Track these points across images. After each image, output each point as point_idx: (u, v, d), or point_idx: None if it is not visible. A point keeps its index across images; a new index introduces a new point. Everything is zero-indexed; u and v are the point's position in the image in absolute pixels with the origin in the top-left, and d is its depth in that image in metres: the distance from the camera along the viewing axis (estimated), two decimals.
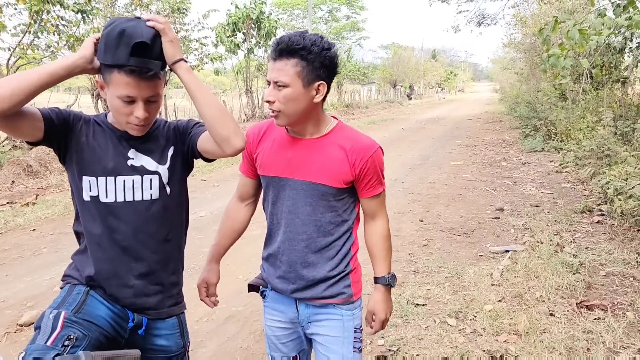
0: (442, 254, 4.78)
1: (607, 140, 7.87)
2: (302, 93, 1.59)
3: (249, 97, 18.61)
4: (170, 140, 1.71)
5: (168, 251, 1.72)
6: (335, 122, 1.74)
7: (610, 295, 3.76)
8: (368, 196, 1.74)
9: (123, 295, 1.64)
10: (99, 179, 1.59)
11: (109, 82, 1.51)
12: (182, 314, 1.80)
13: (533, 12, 20.07)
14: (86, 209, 1.62)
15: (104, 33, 1.49)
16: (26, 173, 8.42)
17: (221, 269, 4.71)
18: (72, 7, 9.28)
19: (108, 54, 1.47)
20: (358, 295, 1.81)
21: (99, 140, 1.62)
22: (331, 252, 1.74)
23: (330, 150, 1.67)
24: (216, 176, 8.64)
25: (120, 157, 1.62)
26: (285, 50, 1.56)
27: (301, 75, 1.57)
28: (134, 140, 1.64)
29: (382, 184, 1.75)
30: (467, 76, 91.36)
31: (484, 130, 16.92)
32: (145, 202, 1.64)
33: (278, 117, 1.64)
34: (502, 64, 37.30)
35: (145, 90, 1.52)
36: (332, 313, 1.77)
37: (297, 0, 34.30)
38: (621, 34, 10.55)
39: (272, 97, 1.60)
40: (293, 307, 1.81)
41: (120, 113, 1.54)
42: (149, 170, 1.65)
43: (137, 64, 1.47)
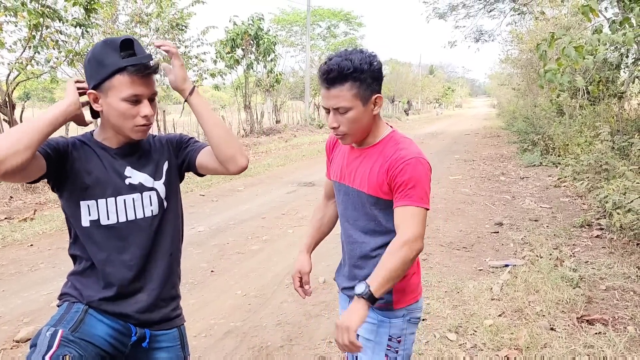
0: (442, 269, 4.76)
1: (604, 155, 7.89)
2: (363, 111, 1.65)
3: (248, 112, 18.69)
4: (164, 154, 1.72)
5: (171, 265, 1.73)
6: (389, 130, 1.77)
7: (611, 309, 3.74)
8: (395, 206, 1.64)
9: (129, 312, 1.63)
10: (99, 201, 1.58)
11: (108, 90, 1.51)
12: (182, 326, 1.80)
13: (529, 29, 20.30)
14: (86, 235, 1.60)
15: (88, 57, 1.53)
16: (24, 189, 8.40)
17: (220, 284, 4.70)
18: (71, 21, 9.34)
19: (101, 67, 1.49)
20: (400, 305, 1.76)
21: (93, 163, 1.59)
22: (375, 259, 1.72)
23: (375, 160, 1.71)
24: (215, 191, 8.64)
25: (117, 177, 1.61)
26: (338, 78, 1.59)
27: (359, 95, 1.61)
28: (129, 157, 1.64)
29: (409, 198, 1.60)
30: (464, 92, 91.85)
31: (482, 145, 16.97)
32: (147, 219, 1.65)
33: (344, 139, 1.71)
34: (499, 80, 37.55)
35: (148, 87, 1.55)
36: (370, 316, 1.74)
37: (296, 17, 34.60)
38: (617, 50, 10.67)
39: (336, 123, 1.66)
40: (347, 304, 1.85)
41: (127, 116, 1.54)
42: (147, 187, 1.66)
43: (136, 62, 1.49)
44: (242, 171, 1.67)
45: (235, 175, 11.10)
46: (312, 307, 3.98)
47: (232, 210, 7.31)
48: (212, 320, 3.76)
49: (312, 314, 3.86)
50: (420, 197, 1.61)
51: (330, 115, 1.66)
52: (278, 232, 6.17)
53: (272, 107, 21.52)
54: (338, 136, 1.71)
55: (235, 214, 7.12)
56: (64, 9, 9.42)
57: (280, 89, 21.60)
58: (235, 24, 17.80)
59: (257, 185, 9.44)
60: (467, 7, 17.94)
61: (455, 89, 78.28)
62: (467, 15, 18.08)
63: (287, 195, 8.43)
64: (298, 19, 34.01)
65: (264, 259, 5.15)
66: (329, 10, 36.27)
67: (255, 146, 15.87)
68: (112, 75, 1.49)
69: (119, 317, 1.62)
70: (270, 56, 18.88)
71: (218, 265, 4.98)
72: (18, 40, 9.24)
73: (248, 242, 5.75)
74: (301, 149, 15.62)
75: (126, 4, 12.11)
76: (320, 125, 23.01)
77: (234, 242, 5.76)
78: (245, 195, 8.48)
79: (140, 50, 1.52)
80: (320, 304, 4.01)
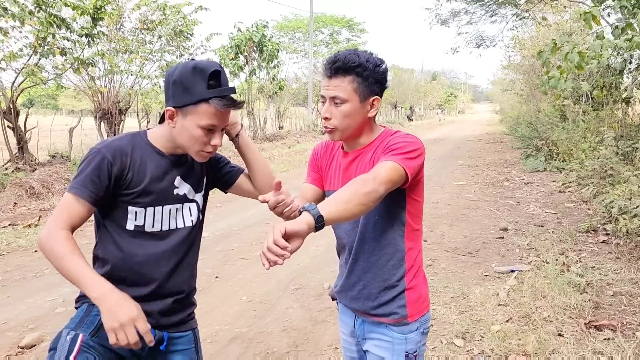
0: (447, 274, 4.74)
1: (609, 160, 7.87)
2: (359, 108, 1.63)
3: (251, 118, 18.73)
4: (204, 168, 1.80)
5: (195, 272, 1.80)
6: (382, 129, 1.75)
7: (619, 315, 3.71)
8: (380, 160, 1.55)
9: (152, 310, 1.63)
10: (147, 209, 1.61)
11: (188, 114, 1.54)
12: (196, 329, 1.83)
13: (532, 35, 20.33)
14: (126, 236, 1.61)
15: (174, 78, 1.54)
16: (28, 195, 8.41)
17: (225, 290, 4.68)
18: (78, 31, 9.40)
19: (188, 93, 1.52)
20: (415, 317, 1.69)
21: (148, 168, 1.61)
22: (380, 262, 1.68)
23: (373, 153, 1.67)
24: (219, 197, 8.62)
25: (168, 186, 1.65)
26: (341, 68, 1.59)
27: (358, 91, 1.61)
28: (180, 167, 1.69)
29: (393, 157, 1.52)
30: (467, 97, 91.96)
31: (486, 150, 16.95)
32: (187, 228, 1.70)
33: (333, 133, 1.67)
34: (502, 86, 37.57)
35: (226, 120, 1.60)
36: (383, 334, 1.70)
37: (299, 23, 34.77)
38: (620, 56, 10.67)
39: (329, 114, 1.64)
40: (353, 320, 1.82)
41: (198, 142, 1.57)
42: (189, 199, 1.72)
43: (222, 94, 1.53)
44: None
45: None
46: (318, 312, 3.96)
47: (237, 216, 7.30)
48: (218, 326, 3.75)
49: (317, 319, 3.84)
50: (407, 159, 1.53)
51: (325, 105, 1.65)
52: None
53: (275, 114, 21.57)
54: (327, 129, 1.67)
55: (240, 219, 7.11)
56: (72, 17, 9.48)
57: (283, 95, 21.65)
58: (239, 30, 17.88)
59: None
60: (469, 13, 18.01)
61: (458, 95, 78.40)
62: (469, 21, 18.14)
63: None
64: (301, 26, 34.16)
65: None
66: (331, 16, 36.43)
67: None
68: (197, 103, 1.52)
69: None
70: (273, 62, 18.94)
71: (223, 271, 4.96)
72: (24, 46, 9.29)
73: (252, 247, 5.74)
74: (304, 155, 15.63)
75: (131, 11, 12.16)
76: (323, 132, 22.99)
77: (239, 247, 5.75)
78: (250, 201, 8.41)
79: (225, 81, 1.56)
80: (326, 310, 3.99)
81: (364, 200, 1.41)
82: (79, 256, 1.43)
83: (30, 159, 9.91)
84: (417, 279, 1.72)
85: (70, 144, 10.98)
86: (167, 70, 1.61)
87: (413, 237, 1.71)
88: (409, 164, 1.53)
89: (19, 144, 9.76)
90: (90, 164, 1.53)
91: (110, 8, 10.68)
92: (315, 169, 1.86)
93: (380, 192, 1.44)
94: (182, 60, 13.31)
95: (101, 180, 1.52)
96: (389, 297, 1.68)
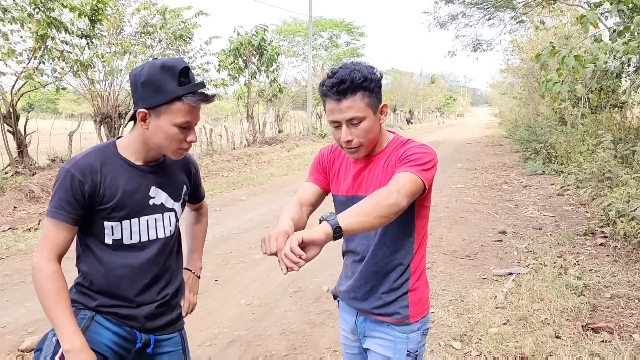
0: (446, 277, 4.75)
1: (607, 163, 7.88)
2: (375, 120, 1.64)
3: (250, 122, 18.76)
4: (184, 177, 1.80)
5: (179, 279, 1.81)
6: (392, 135, 1.77)
7: (616, 317, 3.72)
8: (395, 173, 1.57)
9: (137, 315, 1.66)
10: (123, 222, 1.61)
11: (162, 113, 1.54)
12: (183, 330, 1.84)
13: (530, 38, 20.39)
14: (107, 250, 1.62)
15: (143, 79, 1.53)
16: (28, 199, 8.43)
17: (224, 293, 4.68)
18: (76, 32, 9.43)
19: (159, 92, 1.52)
20: (417, 317, 1.73)
21: (119, 182, 1.60)
22: (389, 265, 1.71)
23: (385, 161, 1.69)
24: (217, 201, 8.65)
25: (142, 197, 1.64)
26: (350, 88, 1.57)
27: (370, 105, 1.61)
28: (154, 175, 1.68)
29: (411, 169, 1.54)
30: (466, 101, 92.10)
31: (484, 153, 16.98)
32: (166, 238, 1.71)
33: (358, 151, 1.66)
34: (500, 89, 37.64)
35: (198, 115, 1.60)
36: (385, 332, 1.74)
37: (298, 27, 34.84)
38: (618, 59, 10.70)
39: (350, 136, 1.61)
40: (354, 318, 1.84)
41: (175, 140, 1.58)
42: (167, 208, 1.71)
43: (193, 89, 1.54)
44: None
45: (238, 185, 11.03)
46: (316, 315, 3.97)
47: (235, 220, 7.32)
48: (216, 329, 3.76)
49: (316, 322, 3.85)
50: (423, 170, 1.56)
51: (344, 129, 1.61)
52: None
53: (275, 117, 21.60)
54: (351, 150, 1.65)
55: (239, 223, 7.13)
56: (70, 21, 9.52)
57: (283, 98, 21.69)
58: (239, 34, 17.93)
59: (260, 194, 9.46)
60: (467, 17, 18.04)
61: (457, 98, 78.50)
62: (467, 24, 18.18)
63: None
64: (300, 29, 34.24)
65: (268, 267, 5.14)
66: (330, 20, 36.52)
67: (258, 156, 15.91)
68: (171, 102, 1.52)
69: (126, 319, 1.64)
70: (273, 66, 18.99)
71: (222, 274, 4.98)
72: (24, 50, 9.32)
73: (251, 251, 5.75)
74: (303, 159, 15.65)
75: (131, 15, 12.21)
76: (322, 135, 23.06)
77: (237, 251, 5.76)
78: (248, 204, 8.49)
79: (193, 77, 1.57)
80: (324, 313, 4.00)
81: (385, 212, 1.43)
82: (63, 299, 1.49)
83: (30, 162, 9.93)
84: (420, 281, 1.76)
85: (70, 147, 11.00)
86: (132, 71, 1.59)
87: (420, 242, 1.75)
88: (426, 175, 1.57)
89: (19, 148, 9.79)
90: (63, 185, 1.53)
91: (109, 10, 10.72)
92: (320, 171, 1.86)
93: (403, 205, 1.47)
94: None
95: (77, 200, 1.53)
96: (393, 298, 1.72)
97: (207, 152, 14.87)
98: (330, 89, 1.58)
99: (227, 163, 13.97)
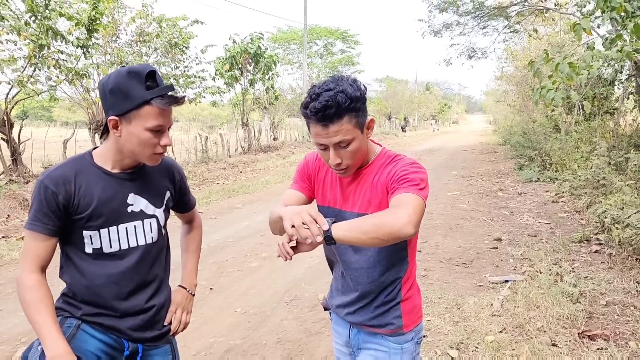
0: (442, 285, 4.75)
1: (602, 170, 7.93)
2: (363, 139, 1.59)
3: (246, 129, 18.77)
4: (167, 182, 1.78)
5: (163, 288, 1.78)
6: (379, 148, 1.73)
7: (612, 324, 3.72)
8: (394, 194, 1.53)
9: (122, 328, 1.66)
10: (101, 231, 1.60)
11: (133, 119, 1.53)
12: (173, 341, 1.83)
13: (523, 46, 20.55)
14: (87, 259, 1.62)
15: (110, 87, 1.52)
16: (22, 207, 8.37)
17: (219, 302, 4.66)
18: (74, 42, 9.42)
19: (127, 98, 1.51)
20: (410, 327, 1.73)
21: (95, 191, 1.59)
22: (383, 282, 1.70)
23: (373, 177, 1.65)
24: (213, 209, 8.63)
25: (120, 205, 1.63)
26: (336, 114, 1.49)
27: (358, 125, 1.55)
28: (132, 182, 1.66)
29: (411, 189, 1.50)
30: (461, 108, 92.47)
31: (479, 161, 17.03)
32: (148, 245, 1.69)
33: (347, 171, 1.63)
34: (495, 96, 37.84)
35: (170, 118, 1.59)
36: (379, 344, 1.73)
37: (293, 35, 34.97)
38: (611, 67, 10.80)
39: (339, 159, 1.57)
40: (347, 330, 1.82)
41: (148, 145, 1.56)
42: (148, 214, 1.69)
43: (161, 93, 1.53)
44: None
45: (234, 193, 10.98)
46: (313, 324, 3.95)
47: (231, 228, 7.30)
48: (212, 338, 3.73)
49: (312, 331, 3.83)
50: (420, 190, 1.52)
51: (332, 153, 1.56)
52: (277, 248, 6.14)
53: (270, 125, 21.62)
54: (340, 171, 1.63)
55: (234, 231, 7.11)
56: (67, 31, 9.51)
57: (278, 106, 21.73)
58: (234, 42, 17.98)
59: (256, 202, 9.44)
60: (461, 25, 18.17)
61: (452, 105, 78.83)
62: (461, 32, 18.30)
63: None
64: (295, 37, 34.36)
65: (263, 276, 5.13)
66: (325, 28, 36.67)
67: (253, 163, 15.90)
68: (140, 107, 1.51)
69: (113, 330, 1.64)
70: (269, 74, 19.03)
71: (217, 282, 4.95)
72: (19, 58, 9.30)
73: (247, 259, 5.73)
74: None
75: (127, 24, 12.21)
76: None
77: (233, 259, 5.74)
78: (244, 212, 8.47)
79: (160, 80, 1.56)
80: (320, 321, 3.99)
81: (386, 237, 1.39)
82: (44, 307, 1.49)
83: (24, 171, 9.88)
84: (412, 290, 1.76)
85: (64, 155, 10.95)
86: (100, 81, 1.60)
87: (412, 253, 1.75)
88: (425, 194, 1.53)
89: (13, 156, 9.74)
90: (37, 197, 1.54)
91: (105, 20, 10.72)
92: (305, 179, 1.82)
93: (409, 235, 1.40)
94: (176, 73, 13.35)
95: (52, 211, 1.54)
96: (386, 309, 1.71)
97: (203, 159, 14.84)
98: (315, 115, 1.50)
99: (223, 171, 13.95)
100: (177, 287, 1.88)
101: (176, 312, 1.81)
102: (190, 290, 1.90)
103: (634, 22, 5.15)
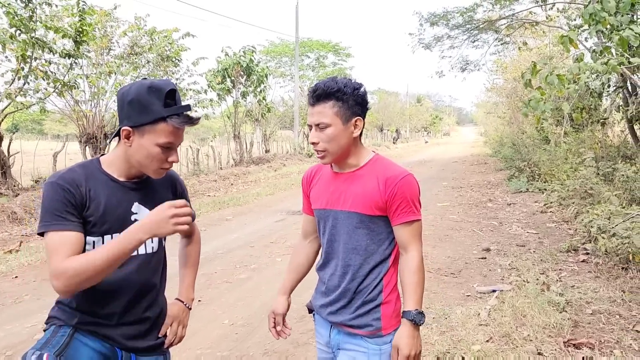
0: (430, 295, 4.76)
1: (589, 180, 8.01)
2: (342, 130, 1.74)
3: (237, 142, 18.79)
4: (169, 193, 1.79)
5: (160, 299, 1.79)
6: (373, 154, 1.85)
7: (597, 333, 3.75)
8: (398, 223, 1.75)
9: (116, 337, 1.65)
10: (105, 237, 1.60)
11: (146, 132, 1.55)
12: (167, 353, 1.82)
13: (513, 59, 20.79)
14: None
15: (130, 98, 1.55)
16: (10, 220, 8.33)
17: (207, 313, 4.65)
18: (60, 52, 9.42)
19: (145, 112, 1.53)
20: (389, 330, 1.78)
21: (102, 197, 1.60)
22: (365, 280, 1.78)
23: (366, 181, 1.77)
24: (203, 220, 8.61)
25: (124, 213, 1.64)
26: (322, 95, 1.72)
27: (339, 114, 1.72)
28: (137, 191, 1.68)
29: (413, 213, 1.75)
30: (452, 120, 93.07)
31: (470, 172, 17.14)
32: (148, 255, 1.70)
33: (324, 157, 1.78)
34: (485, 108, 38.12)
35: (182, 137, 1.62)
36: (359, 345, 1.78)
37: (285, 48, 35.14)
38: (599, 79, 10.95)
39: (316, 139, 1.75)
40: (328, 330, 1.88)
41: (156, 159, 1.59)
42: None
43: (179, 112, 1.55)
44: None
45: (224, 205, 10.94)
46: (300, 335, 3.95)
47: (221, 239, 7.29)
48: (199, 350, 3.72)
49: (299, 342, 3.83)
50: (419, 211, 1.77)
51: (312, 131, 1.76)
52: (266, 260, 6.15)
53: (262, 137, 21.66)
54: (319, 154, 1.77)
55: (224, 242, 7.10)
56: (52, 41, 9.53)
57: (270, 118, 21.80)
58: (227, 55, 18.06)
59: (246, 214, 9.44)
60: (451, 38, 18.34)
61: (443, 117, 79.33)
62: (451, 46, 18.47)
63: (275, 224, 8.43)
64: (287, 50, 34.52)
65: (252, 287, 5.12)
66: (317, 41, 36.87)
67: (245, 175, 15.91)
68: (155, 122, 1.54)
69: (106, 338, 1.64)
70: (260, 87, 19.11)
71: (205, 294, 4.94)
72: (7, 71, 9.30)
73: (236, 270, 5.72)
74: (290, 178, 15.67)
75: (120, 37, 12.25)
76: (309, 154, 23.13)
77: (222, 271, 5.73)
78: (234, 224, 8.46)
79: (179, 99, 1.59)
80: (308, 332, 3.98)
81: (423, 272, 1.80)
82: (93, 252, 1.48)
83: (13, 184, 9.84)
84: (393, 295, 1.81)
85: (55, 168, 10.91)
86: (120, 89, 1.61)
87: (396, 259, 1.82)
88: (419, 209, 1.78)
89: (2, 169, 9.70)
90: (54, 197, 1.52)
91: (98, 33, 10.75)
92: (305, 196, 1.99)
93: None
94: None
95: (72, 205, 1.53)
96: (365, 310, 1.78)
97: (194, 172, 14.84)
98: (309, 96, 1.75)
99: (214, 183, 13.95)
100: (174, 300, 1.88)
101: (172, 324, 1.81)
102: (187, 304, 1.90)
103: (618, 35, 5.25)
